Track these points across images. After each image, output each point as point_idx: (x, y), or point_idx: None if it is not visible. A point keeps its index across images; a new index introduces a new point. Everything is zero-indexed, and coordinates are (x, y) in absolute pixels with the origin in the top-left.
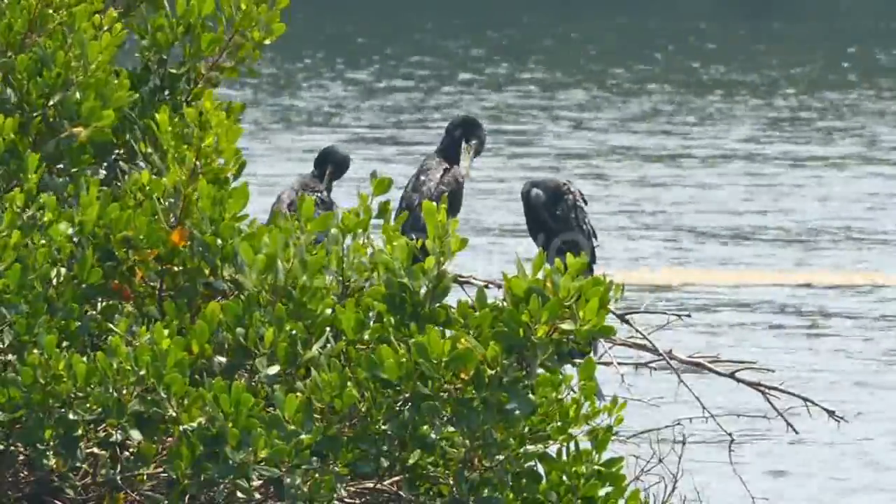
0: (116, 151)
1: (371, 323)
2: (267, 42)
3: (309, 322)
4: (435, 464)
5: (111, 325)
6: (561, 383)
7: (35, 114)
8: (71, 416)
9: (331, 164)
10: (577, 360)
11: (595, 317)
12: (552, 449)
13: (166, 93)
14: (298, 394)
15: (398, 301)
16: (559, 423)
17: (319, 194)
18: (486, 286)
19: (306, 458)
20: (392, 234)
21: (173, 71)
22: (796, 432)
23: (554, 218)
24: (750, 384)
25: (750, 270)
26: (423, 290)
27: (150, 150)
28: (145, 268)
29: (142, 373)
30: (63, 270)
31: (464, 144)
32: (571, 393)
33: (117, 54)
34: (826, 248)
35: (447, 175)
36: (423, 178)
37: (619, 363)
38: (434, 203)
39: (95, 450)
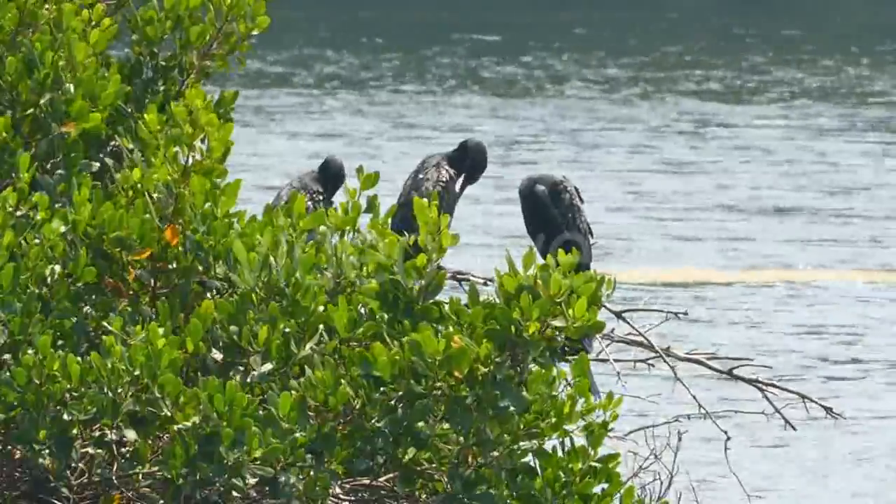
0: (110, 144)
1: (364, 320)
2: (254, 33)
3: (302, 320)
4: (430, 460)
5: (106, 325)
6: (554, 380)
7: (26, 112)
8: (66, 416)
9: (331, 179)
10: (571, 357)
11: (586, 313)
12: (548, 445)
13: (160, 84)
14: (293, 392)
15: (391, 298)
16: (553, 420)
17: (319, 194)
18: (486, 283)
19: (301, 456)
20: (383, 230)
21: (164, 63)
22: (794, 429)
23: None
24: (747, 380)
25: (748, 269)
26: (415, 287)
27: (131, 146)
28: (139, 266)
29: (136, 373)
30: (57, 269)
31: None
32: (567, 389)
33: (107, 48)
34: (826, 248)
35: (443, 174)
36: (421, 176)
37: (615, 360)
38: (425, 200)
39: (90, 449)
